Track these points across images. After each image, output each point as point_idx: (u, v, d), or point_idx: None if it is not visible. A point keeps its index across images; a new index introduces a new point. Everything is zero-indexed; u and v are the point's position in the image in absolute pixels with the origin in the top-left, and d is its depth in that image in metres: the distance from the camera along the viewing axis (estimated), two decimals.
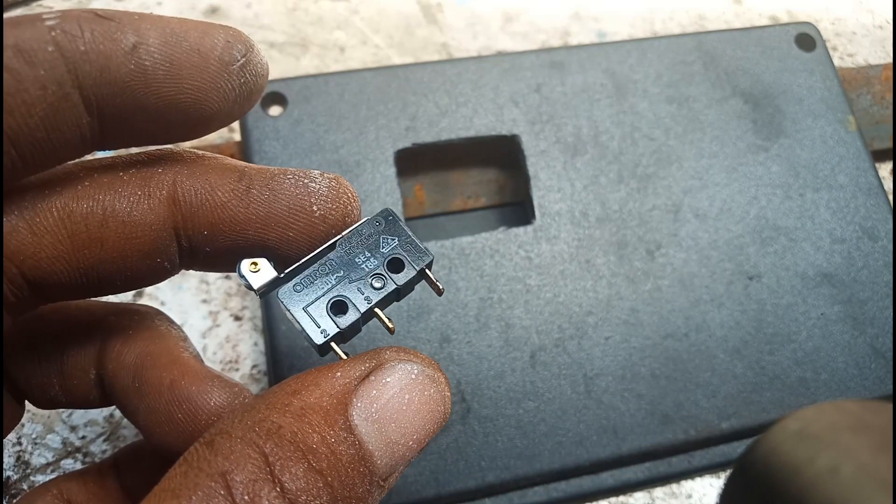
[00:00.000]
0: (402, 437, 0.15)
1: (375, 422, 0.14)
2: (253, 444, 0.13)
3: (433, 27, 0.36)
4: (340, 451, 0.14)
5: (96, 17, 0.14)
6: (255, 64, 0.16)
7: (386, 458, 0.15)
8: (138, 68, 0.14)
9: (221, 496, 0.12)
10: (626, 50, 0.31)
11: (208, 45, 0.15)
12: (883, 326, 0.28)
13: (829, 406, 0.16)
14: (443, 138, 0.29)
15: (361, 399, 0.15)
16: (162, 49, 0.14)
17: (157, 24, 0.14)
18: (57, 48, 0.13)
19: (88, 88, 0.13)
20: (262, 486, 0.13)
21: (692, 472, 0.26)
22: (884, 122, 0.33)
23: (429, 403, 0.15)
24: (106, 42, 0.13)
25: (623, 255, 0.28)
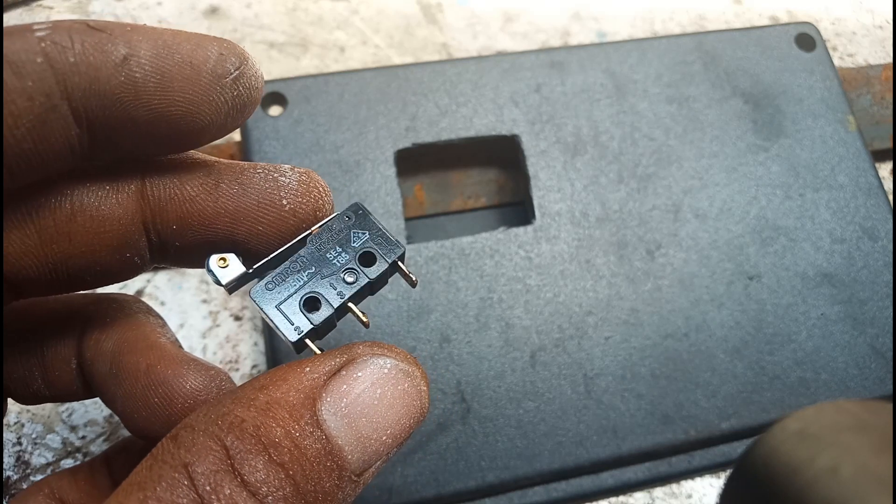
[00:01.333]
0: (374, 433, 0.15)
1: (345, 416, 0.14)
2: (214, 437, 0.13)
3: (433, 27, 0.36)
4: (305, 445, 0.14)
5: (87, 28, 0.13)
6: (249, 77, 0.15)
7: (358, 454, 0.14)
8: (128, 80, 0.14)
9: (185, 486, 0.13)
10: (626, 50, 0.31)
11: (201, 57, 0.14)
12: (883, 326, 0.28)
13: (829, 406, 0.16)
14: (443, 138, 0.29)
15: (331, 394, 0.14)
16: (153, 61, 0.14)
17: (149, 35, 0.14)
18: (46, 59, 0.13)
19: (77, 100, 0.13)
20: (222, 478, 0.13)
21: (692, 472, 0.26)
22: (884, 122, 0.33)
23: (403, 398, 0.15)
24: (96, 53, 0.13)
25: (623, 255, 0.28)
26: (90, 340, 0.18)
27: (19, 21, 0.34)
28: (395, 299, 0.26)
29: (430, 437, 0.25)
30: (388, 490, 0.24)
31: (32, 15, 0.35)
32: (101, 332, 0.18)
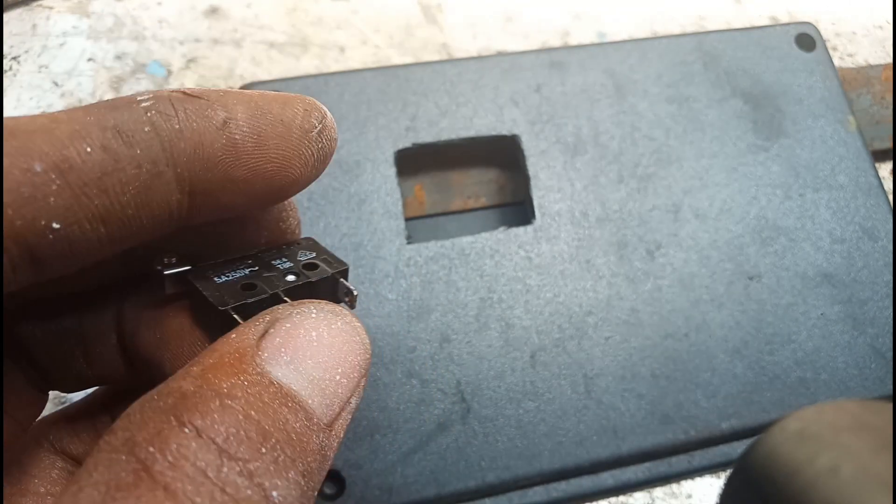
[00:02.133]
0: (325, 373, 0.14)
1: (289, 363, 0.14)
2: (154, 407, 0.12)
3: (433, 27, 0.36)
4: (257, 391, 0.13)
5: (186, 96, 0.14)
6: (330, 129, 0.16)
7: (317, 397, 0.14)
8: (229, 142, 0.14)
9: (123, 461, 0.11)
10: (626, 50, 0.31)
11: (290, 115, 0.15)
12: (883, 326, 0.28)
13: (829, 406, 0.16)
14: (443, 138, 0.29)
15: (266, 349, 0.14)
16: (250, 122, 0.15)
17: (241, 98, 0.15)
18: (153, 128, 0.13)
19: (182, 165, 0.14)
20: (168, 433, 0.12)
21: (692, 472, 0.26)
22: (884, 122, 0.33)
23: (340, 335, 0.15)
24: (199, 120, 0.14)
25: (623, 255, 0.28)
26: (130, 310, 0.18)
27: (19, 21, 0.34)
28: (395, 299, 0.26)
29: (430, 437, 0.25)
30: (388, 490, 0.24)
31: (32, 15, 0.35)
32: (139, 297, 0.18)
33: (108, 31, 0.35)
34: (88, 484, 0.11)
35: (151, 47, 0.34)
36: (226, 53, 0.35)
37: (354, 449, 0.24)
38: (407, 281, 0.26)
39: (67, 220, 0.13)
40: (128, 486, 0.11)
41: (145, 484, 0.11)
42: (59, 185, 0.12)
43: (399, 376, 0.25)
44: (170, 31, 0.35)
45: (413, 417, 0.25)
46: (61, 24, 0.35)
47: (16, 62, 0.33)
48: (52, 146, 0.12)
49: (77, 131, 0.13)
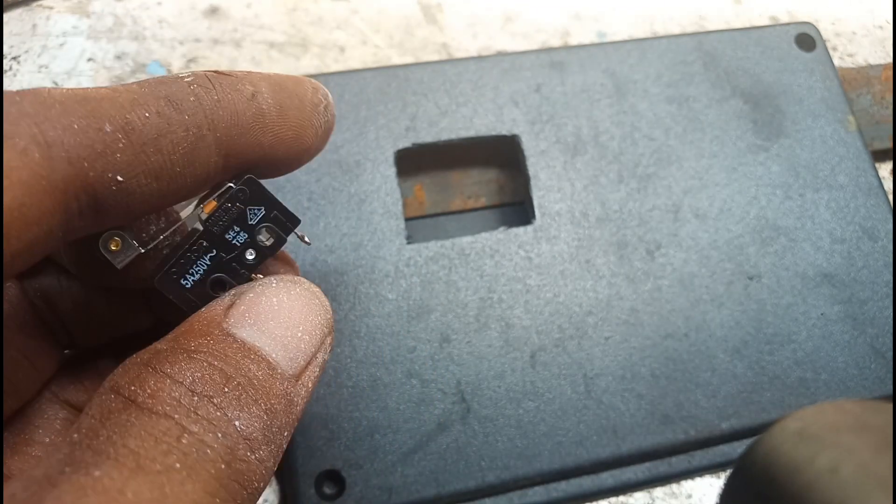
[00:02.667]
0: (287, 331, 0.16)
1: (253, 325, 0.16)
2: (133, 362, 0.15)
3: (433, 27, 0.36)
4: (221, 348, 0.15)
5: (219, 74, 0.16)
6: (331, 106, 0.19)
7: (281, 352, 0.16)
8: (258, 112, 0.17)
9: (112, 398, 0.14)
10: (626, 50, 0.31)
11: (302, 91, 0.18)
12: (883, 326, 0.28)
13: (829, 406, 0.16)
14: (443, 138, 0.29)
15: (232, 315, 0.16)
16: (273, 95, 0.17)
17: (263, 76, 0.17)
18: (197, 98, 0.16)
19: (221, 130, 0.16)
20: (146, 377, 0.14)
21: (692, 472, 0.26)
22: (884, 122, 0.33)
23: (299, 299, 0.17)
24: (233, 92, 0.16)
25: (623, 255, 0.28)
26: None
27: (19, 21, 0.34)
28: (395, 299, 0.26)
29: (430, 437, 0.25)
30: (388, 490, 0.24)
31: (32, 15, 0.35)
32: None
33: (108, 31, 0.35)
34: (84, 417, 0.14)
35: (151, 47, 0.34)
36: (226, 53, 0.35)
37: (354, 449, 0.24)
38: (407, 281, 0.26)
39: (129, 173, 0.15)
40: (118, 411, 0.14)
41: (132, 409, 0.14)
42: (124, 144, 0.14)
43: (399, 376, 0.25)
44: (170, 31, 0.35)
45: (413, 417, 0.25)
46: (61, 24, 0.35)
47: (16, 62, 0.33)
48: (118, 111, 0.14)
49: (136, 100, 0.15)
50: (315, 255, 0.26)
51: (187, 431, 0.13)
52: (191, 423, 0.14)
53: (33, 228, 0.13)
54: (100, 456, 0.13)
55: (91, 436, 0.13)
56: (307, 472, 0.24)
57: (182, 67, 0.34)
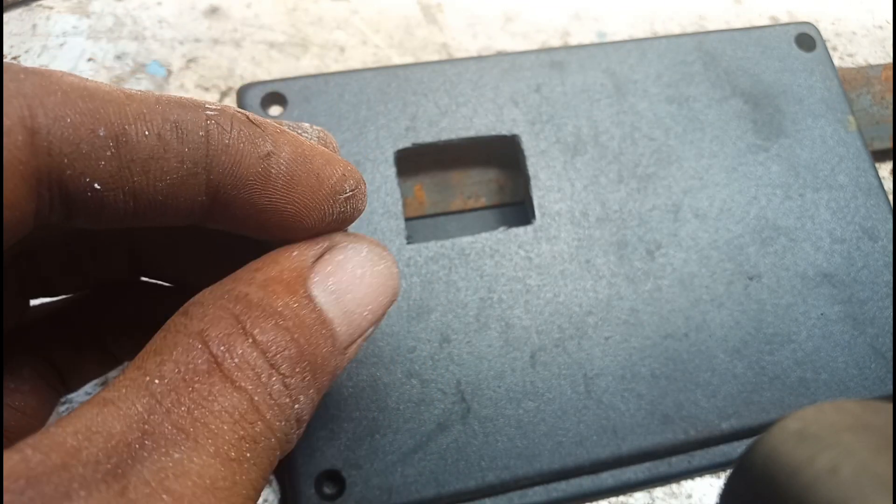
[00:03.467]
0: (357, 307, 0.16)
1: (333, 293, 0.16)
2: (224, 308, 0.15)
3: (433, 27, 0.36)
4: (303, 314, 0.15)
5: (247, 120, 0.16)
6: (358, 199, 0.17)
7: (345, 327, 0.16)
8: (264, 172, 0.16)
9: (199, 349, 0.14)
10: (626, 50, 0.31)
11: (327, 173, 0.17)
12: (883, 326, 0.28)
13: (829, 406, 0.16)
14: (443, 138, 0.29)
15: (318, 274, 0.16)
16: (289, 163, 0.16)
17: (292, 141, 0.16)
18: (206, 135, 0.15)
19: (216, 174, 0.15)
20: (235, 339, 0.14)
21: (692, 472, 0.26)
22: (884, 122, 0.33)
23: (379, 277, 0.17)
24: (247, 143, 0.15)
25: (623, 255, 0.28)
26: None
27: (19, 21, 0.34)
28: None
29: (430, 437, 0.25)
30: (388, 490, 0.24)
31: (32, 15, 0.35)
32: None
33: (108, 31, 0.35)
34: (170, 359, 0.14)
35: (151, 47, 0.34)
36: (226, 53, 0.35)
37: (354, 449, 0.24)
38: (407, 281, 0.26)
39: (107, 185, 0.14)
40: (203, 373, 0.14)
41: (217, 375, 0.14)
42: (111, 154, 0.14)
43: (399, 376, 0.25)
44: (170, 31, 0.35)
45: (413, 417, 0.25)
46: (61, 24, 0.35)
47: (16, 62, 0.33)
48: (119, 118, 0.14)
49: (144, 114, 0.14)
50: None
51: (262, 417, 0.14)
52: (266, 408, 0.14)
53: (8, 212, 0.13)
54: (181, 433, 0.13)
55: (173, 401, 0.13)
56: (307, 472, 0.24)
57: (182, 67, 0.34)
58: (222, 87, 0.34)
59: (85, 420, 0.13)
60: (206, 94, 0.33)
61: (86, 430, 0.13)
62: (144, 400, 0.13)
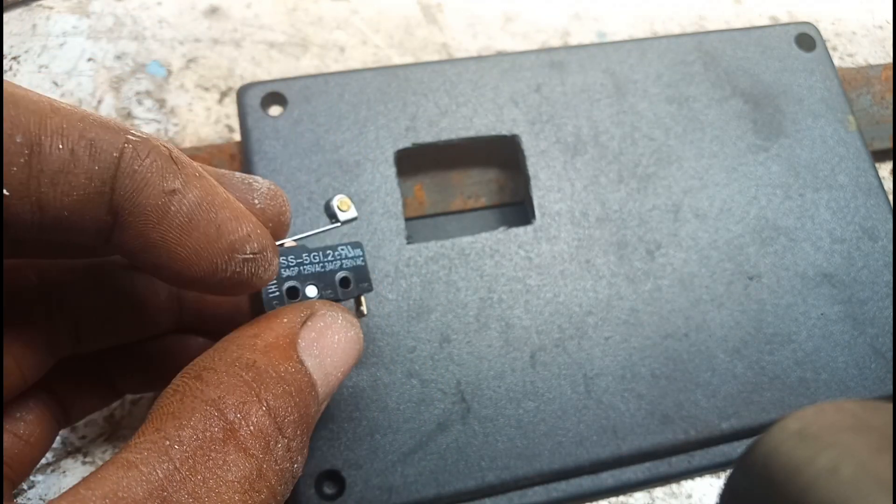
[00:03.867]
0: (333, 369, 0.19)
1: (316, 357, 0.18)
2: (237, 376, 0.16)
3: (433, 27, 0.36)
4: (298, 378, 0.17)
5: (167, 154, 0.16)
6: (259, 265, 0.17)
7: (323, 386, 0.18)
8: (163, 206, 0.16)
9: (216, 417, 0.15)
10: (626, 50, 0.31)
11: (230, 228, 0.17)
12: (883, 326, 0.28)
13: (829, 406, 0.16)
14: (443, 138, 0.29)
15: (304, 339, 0.18)
16: (192, 205, 0.16)
17: (205, 186, 0.16)
18: (119, 157, 0.15)
19: (118, 196, 0.15)
20: (250, 406, 0.16)
21: (692, 472, 0.26)
22: (884, 122, 0.33)
23: (350, 342, 0.19)
24: (155, 176, 0.16)
25: (623, 255, 0.28)
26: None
27: (19, 21, 0.34)
28: (395, 299, 0.26)
29: (430, 437, 0.25)
30: (388, 490, 0.24)
31: (32, 15, 0.35)
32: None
33: (108, 31, 0.35)
34: (188, 425, 0.15)
35: (151, 47, 0.34)
36: (226, 53, 0.35)
37: (354, 449, 0.24)
38: (407, 281, 0.26)
39: (16, 192, 0.14)
40: (219, 441, 0.15)
41: (232, 444, 0.15)
42: (24, 161, 0.14)
43: (399, 376, 0.25)
44: (170, 31, 0.35)
45: (413, 417, 0.25)
46: (61, 24, 0.35)
47: (16, 62, 0.33)
48: (38, 129, 0.14)
49: (63, 129, 0.15)
50: None
51: (267, 484, 0.15)
52: (272, 474, 0.16)
53: None
54: (196, 503, 0.14)
55: (190, 468, 0.14)
56: (307, 472, 0.24)
57: (182, 67, 0.34)
58: (222, 87, 0.34)
59: (111, 484, 0.14)
60: (207, 94, 0.33)
61: (112, 496, 0.14)
62: (164, 465, 0.14)
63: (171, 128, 0.33)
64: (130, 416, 0.27)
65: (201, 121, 0.33)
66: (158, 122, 0.33)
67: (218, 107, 0.33)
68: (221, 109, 0.33)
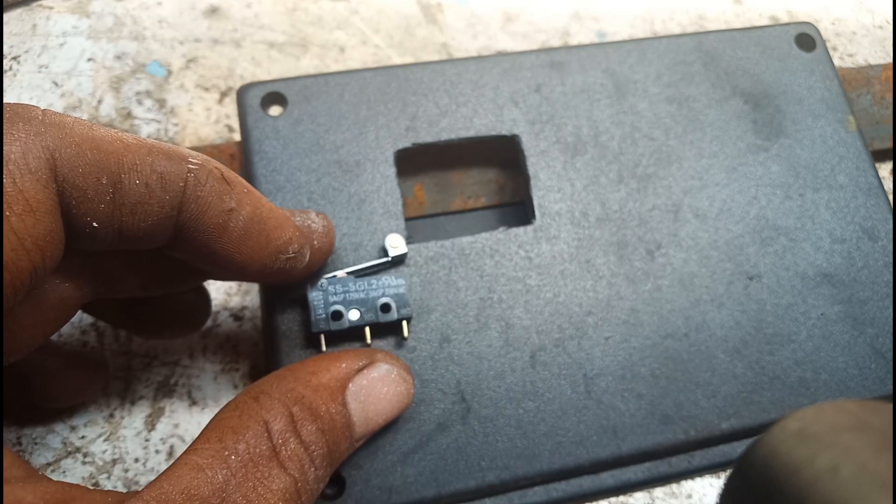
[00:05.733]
0: (375, 416, 0.21)
1: (361, 402, 0.21)
2: (285, 405, 0.19)
3: (433, 27, 0.36)
4: (336, 419, 0.20)
5: (220, 176, 0.19)
6: (298, 261, 0.21)
7: (361, 429, 0.21)
8: (223, 224, 0.19)
9: (265, 437, 0.18)
10: (626, 50, 0.31)
11: (276, 235, 0.20)
12: (883, 326, 0.28)
13: (829, 406, 0.16)
14: (443, 138, 0.29)
15: (355, 384, 0.21)
16: (246, 222, 0.19)
17: (254, 202, 0.20)
18: (185, 185, 0.18)
19: (184, 218, 0.18)
20: (290, 435, 0.19)
21: (692, 472, 0.26)
22: (884, 122, 0.34)
23: (398, 396, 0.22)
24: (214, 198, 0.18)
25: (623, 255, 0.28)
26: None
27: (19, 21, 0.34)
28: None
29: (430, 437, 0.25)
30: (388, 490, 0.24)
31: (32, 15, 0.35)
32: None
33: (108, 31, 0.35)
34: (243, 440, 0.18)
35: (151, 47, 0.34)
36: (226, 53, 0.35)
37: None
38: (407, 281, 0.26)
39: (102, 223, 0.17)
40: (266, 457, 0.18)
41: (275, 461, 0.18)
42: (110, 198, 0.17)
43: None
44: (170, 30, 0.35)
45: (413, 417, 0.25)
46: (61, 24, 0.35)
47: (16, 62, 0.33)
48: (118, 168, 0.17)
49: (136, 165, 0.17)
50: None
51: (300, 499, 0.18)
52: (304, 492, 0.18)
53: (51, 241, 0.16)
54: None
55: (244, 475, 0.17)
56: None
57: (182, 67, 0.34)
58: (222, 87, 0.34)
59: (186, 482, 0.17)
60: (206, 94, 0.33)
61: (187, 492, 0.16)
62: (224, 471, 0.17)
63: (171, 128, 0.33)
64: (131, 416, 0.27)
65: (201, 121, 0.33)
66: (158, 122, 0.33)
67: (218, 107, 0.33)
68: (221, 109, 0.33)
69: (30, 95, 0.33)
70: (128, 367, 0.28)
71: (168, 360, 0.28)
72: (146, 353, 0.28)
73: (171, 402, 0.27)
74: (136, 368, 0.28)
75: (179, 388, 0.28)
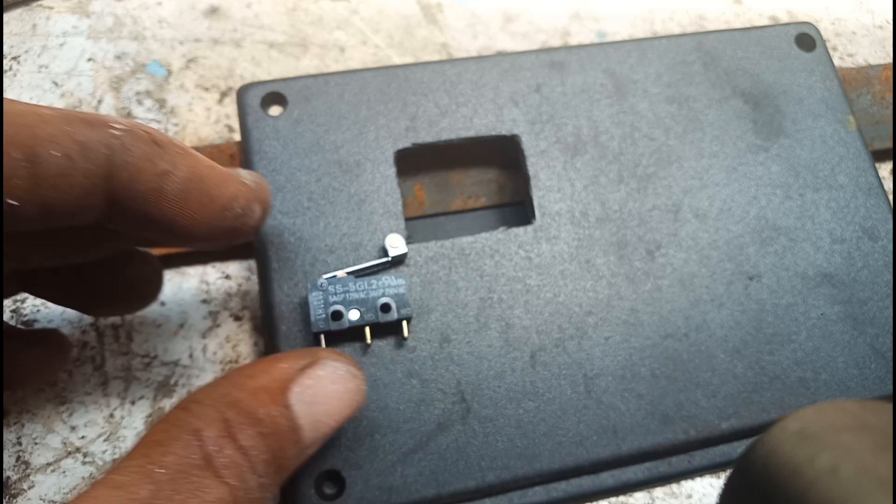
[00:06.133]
0: (325, 417, 0.19)
1: (307, 404, 0.19)
2: (218, 411, 0.18)
3: (433, 27, 0.36)
4: (279, 422, 0.18)
5: (150, 139, 0.18)
6: (248, 216, 0.20)
7: (311, 433, 0.19)
8: (158, 188, 0.18)
9: (195, 446, 0.17)
10: (626, 50, 0.31)
11: (218, 192, 0.19)
12: (883, 326, 0.28)
13: (829, 406, 0.16)
14: (443, 138, 0.29)
15: (299, 385, 0.19)
16: (183, 181, 0.18)
17: (190, 162, 0.18)
18: (110, 153, 0.17)
19: (115, 187, 0.17)
20: (225, 441, 0.17)
21: (692, 472, 0.26)
22: (884, 122, 0.33)
23: (348, 394, 0.20)
24: (146, 162, 0.17)
25: (623, 255, 0.28)
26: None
27: (19, 21, 0.34)
28: None
29: (430, 437, 0.25)
30: (388, 490, 0.24)
31: (32, 15, 0.35)
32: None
33: (108, 31, 0.35)
34: (171, 451, 0.16)
35: (151, 47, 0.34)
36: (226, 53, 0.35)
37: (354, 449, 0.24)
38: (407, 281, 0.26)
39: (22, 200, 0.16)
40: (199, 467, 0.16)
41: (209, 470, 0.16)
42: (25, 173, 0.16)
43: (399, 376, 0.25)
44: (170, 30, 0.35)
45: (413, 417, 0.25)
46: (61, 24, 0.35)
47: (16, 62, 0.33)
48: (32, 141, 0.16)
49: (53, 136, 0.16)
50: (315, 255, 0.26)
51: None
52: (245, 500, 0.17)
53: None
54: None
55: (174, 488, 0.16)
56: (307, 472, 0.24)
57: (182, 67, 0.34)
58: (222, 87, 0.34)
59: (100, 502, 0.15)
60: (207, 94, 0.33)
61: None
62: (149, 487, 0.16)
63: (171, 128, 0.33)
64: (131, 416, 0.27)
65: (201, 121, 0.33)
66: (158, 122, 0.33)
67: (218, 107, 0.33)
68: (221, 109, 0.33)
69: (30, 95, 0.33)
70: (128, 367, 0.28)
71: (168, 360, 0.28)
72: (146, 353, 0.28)
73: (171, 402, 0.27)
74: (136, 368, 0.28)
75: (179, 389, 0.28)
